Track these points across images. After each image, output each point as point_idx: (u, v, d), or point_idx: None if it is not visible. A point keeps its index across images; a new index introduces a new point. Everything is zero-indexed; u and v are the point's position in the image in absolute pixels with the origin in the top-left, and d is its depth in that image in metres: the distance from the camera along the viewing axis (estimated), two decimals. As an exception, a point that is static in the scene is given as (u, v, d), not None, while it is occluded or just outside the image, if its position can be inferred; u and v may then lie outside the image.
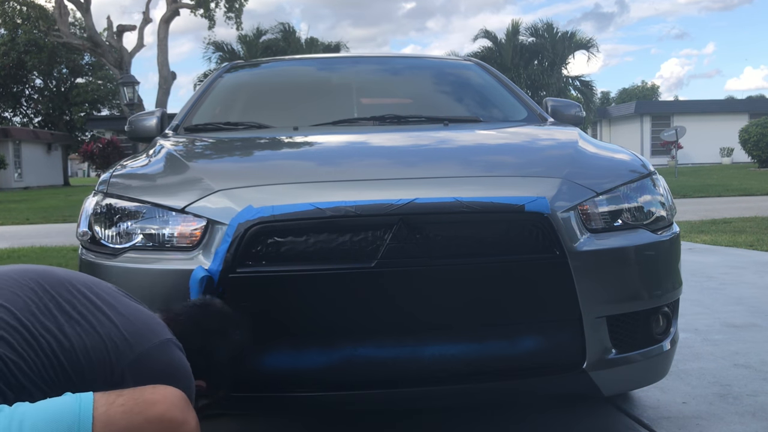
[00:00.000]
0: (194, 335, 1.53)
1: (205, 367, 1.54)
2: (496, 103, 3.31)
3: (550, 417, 2.44)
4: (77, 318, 1.34)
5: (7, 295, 1.32)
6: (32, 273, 1.40)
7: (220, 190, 1.87)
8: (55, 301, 1.35)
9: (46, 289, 1.37)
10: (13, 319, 1.27)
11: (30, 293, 1.34)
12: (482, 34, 29.46)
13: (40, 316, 1.31)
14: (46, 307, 1.33)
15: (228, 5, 25.24)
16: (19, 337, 1.26)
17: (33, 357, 1.25)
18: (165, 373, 1.38)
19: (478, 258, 1.76)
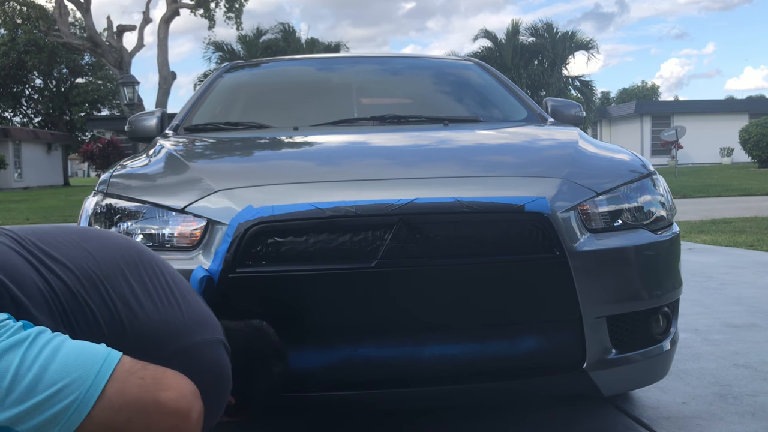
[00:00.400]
0: (241, 353, 1.55)
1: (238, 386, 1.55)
2: (496, 103, 3.31)
3: (550, 417, 2.44)
4: (153, 293, 1.38)
5: (103, 255, 1.38)
6: (133, 248, 1.47)
7: (220, 190, 1.87)
8: (140, 274, 1.40)
9: (138, 262, 1.42)
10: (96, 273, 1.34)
11: (123, 260, 1.40)
12: (482, 34, 29.47)
13: (122, 280, 1.36)
14: (131, 275, 1.38)
15: (228, 5, 25.25)
16: (95, 292, 1.31)
17: (102, 313, 1.30)
18: (210, 369, 1.39)
19: (478, 258, 1.76)
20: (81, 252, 1.36)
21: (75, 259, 1.34)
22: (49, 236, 1.37)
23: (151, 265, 1.44)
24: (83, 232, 1.45)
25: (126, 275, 1.37)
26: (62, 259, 1.32)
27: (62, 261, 1.32)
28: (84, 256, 1.35)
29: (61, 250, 1.34)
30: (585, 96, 28.56)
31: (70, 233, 1.42)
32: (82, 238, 1.41)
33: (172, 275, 1.48)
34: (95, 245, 1.40)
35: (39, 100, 40.56)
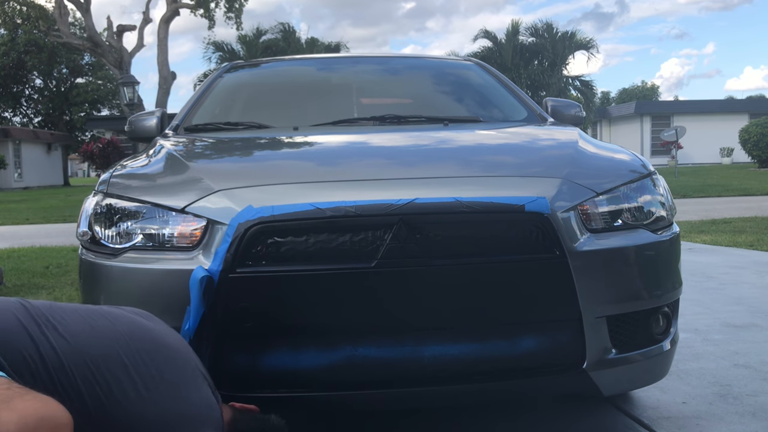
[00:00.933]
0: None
1: None
2: (496, 103, 3.31)
3: (550, 417, 2.44)
4: (148, 384, 1.41)
5: (105, 333, 1.44)
6: (134, 327, 1.50)
7: (220, 190, 1.87)
8: (138, 362, 1.43)
9: (141, 350, 1.45)
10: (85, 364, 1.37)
11: (121, 343, 1.44)
12: (482, 34, 29.47)
13: (116, 363, 1.40)
14: (129, 361, 1.41)
15: (228, 5, 25.23)
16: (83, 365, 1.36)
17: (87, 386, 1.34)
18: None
19: (478, 258, 1.76)
20: (84, 327, 1.42)
21: (75, 332, 1.40)
22: (61, 310, 1.45)
23: (150, 354, 1.46)
24: (95, 310, 1.51)
25: (123, 362, 1.40)
26: (62, 330, 1.39)
27: (61, 332, 1.38)
28: (86, 331, 1.41)
29: (65, 323, 1.41)
30: (585, 96, 28.56)
31: (82, 310, 1.48)
32: (91, 315, 1.47)
33: (176, 363, 1.50)
34: (102, 323, 1.46)
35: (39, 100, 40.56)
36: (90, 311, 1.49)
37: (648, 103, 39.50)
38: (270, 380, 1.80)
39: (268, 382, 1.80)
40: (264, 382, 1.81)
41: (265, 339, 1.79)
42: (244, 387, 1.80)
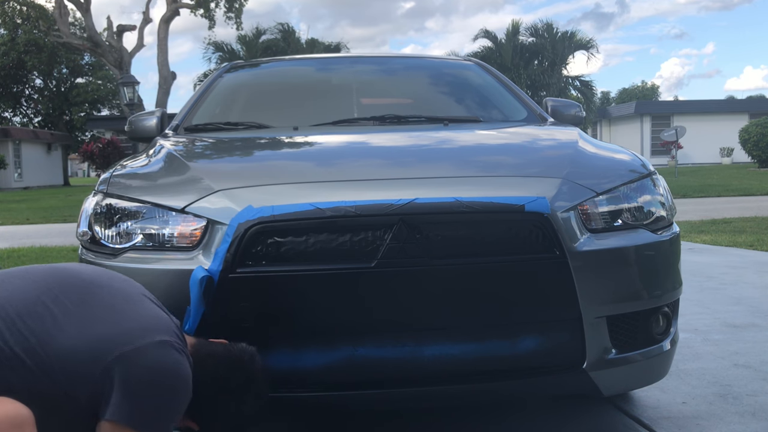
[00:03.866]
0: (209, 384, 1.56)
1: (205, 415, 1.57)
2: (496, 103, 3.31)
3: (550, 417, 2.44)
4: (75, 316, 1.43)
5: (22, 291, 1.46)
6: (55, 277, 1.52)
7: (220, 190, 1.87)
8: (59, 301, 1.45)
9: (58, 293, 1.47)
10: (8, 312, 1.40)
11: (43, 292, 1.46)
12: (482, 34, 29.47)
13: (40, 311, 1.42)
14: (51, 303, 1.44)
15: (228, 5, 25.23)
16: (11, 327, 1.38)
17: (20, 345, 1.37)
18: (153, 369, 1.42)
19: (478, 258, 1.76)
20: (2, 292, 1.45)
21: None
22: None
23: (75, 290, 1.49)
24: (8, 273, 1.53)
25: (46, 305, 1.43)
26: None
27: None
28: (4, 296, 1.43)
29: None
30: (585, 96, 28.57)
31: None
32: (5, 278, 1.50)
33: (106, 291, 1.52)
34: (17, 283, 1.48)
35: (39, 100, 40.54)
36: (3, 275, 1.52)
37: (648, 103, 39.50)
38: (270, 380, 1.80)
39: (268, 382, 1.80)
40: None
41: (265, 339, 1.79)
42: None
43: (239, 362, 1.61)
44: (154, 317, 1.52)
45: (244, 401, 1.60)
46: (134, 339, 1.43)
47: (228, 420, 1.60)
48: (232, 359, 1.61)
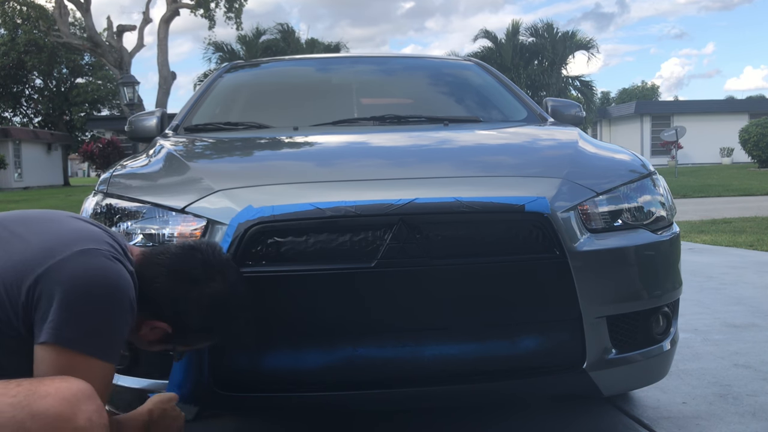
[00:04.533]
0: (168, 279, 1.50)
1: (172, 312, 1.50)
2: (496, 103, 3.31)
3: (550, 417, 2.44)
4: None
5: None
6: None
7: (220, 190, 1.87)
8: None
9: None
10: None
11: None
12: (482, 34, 29.46)
13: None
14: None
15: (228, 5, 25.23)
16: None
17: None
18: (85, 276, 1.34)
19: (478, 258, 1.76)
20: None
21: None
22: None
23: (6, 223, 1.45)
24: None
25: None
26: None
27: None
28: None
29: None
30: (585, 96, 28.55)
31: None
32: None
33: (30, 220, 1.47)
34: None
35: (39, 100, 40.53)
36: None
37: (648, 103, 39.50)
38: (270, 380, 1.80)
39: (268, 382, 1.80)
40: (264, 383, 1.81)
41: (265, 339, 1.79)
42: (245, 387, 1.80)
43: (193, 250, 1.55)
44: (76, 231, 1.44)
45: (213, 290, 1.51)
46: (56, 253, 1.35)
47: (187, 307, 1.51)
48: (186, 248, 1.55)
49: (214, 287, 1.51)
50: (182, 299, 1.49)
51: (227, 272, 1.56)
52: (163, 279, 1.49)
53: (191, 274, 1.50)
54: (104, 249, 1.41)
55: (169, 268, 1.50)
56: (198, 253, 1.55)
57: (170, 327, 1.51)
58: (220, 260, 1.57)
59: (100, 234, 1.47)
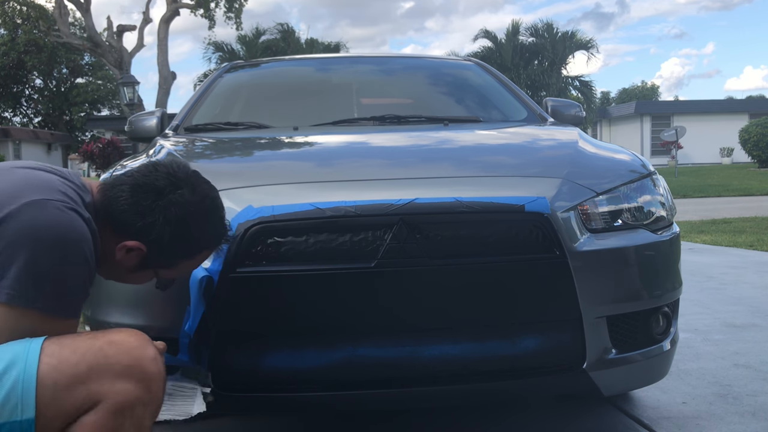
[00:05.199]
0: (130, 194, 1.43)
1: (141, 227, 1.43)
2: (496, 104, 3.31)
3: (550, 417, 2.44)
4: None
5: None
6: None
7: (220, 190, 1.86)
8: None
9: None
10: None
11: None
12: (482, 34, 29.47)
13: None
14: None
15: (228, 5, 25.22)
16: None
17: None
18: (21, 233, 1.27)
19: (478, 258, 1.76)
20: None
21: None
22: None
23: None
24: None
25: None
26: None
27: None
28: None
29: None
30: (585, 96, 28.56)
31: None
32: None
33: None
34: None
35: (39, 100, 40.55)
36: None
37: (648, 103, 39.50)
38: (270, 380, 1.80)
39: (268, 382, 1.80)
40: (264, 383, 1.81)
41: (264, 339, 1.79)
42: (245, 387, 1.80)
43: (155, 165, 1.49)
44: (25, 180, 1.37)
45: (180, 200, 1.44)
46: (2, 206, 1.29)
47: (165, 219, 1.43)
48: (148, 165, 1.49)
49: (181, 197, 1.45)
50: (148, 211, 1.42)
51: (194, 183, 1.49)
52: (127, 195, 1.43)
53: (155, 185, 1.44)
54: (55, 198, 1.33)
55: (131, 184, 1.45)
56: (161, 166, 1.49)
57: (143, 245, 1.44)
58: (186, 172, 1.50)
59: (52, 182, 1.39)
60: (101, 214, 1.44)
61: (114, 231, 1.44)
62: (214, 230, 1.52)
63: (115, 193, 1.44)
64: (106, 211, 1.44)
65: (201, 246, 1.52)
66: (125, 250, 1.45)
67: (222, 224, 1.54)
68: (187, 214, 1.45)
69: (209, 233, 1.51)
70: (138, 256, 1.46)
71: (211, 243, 1.54)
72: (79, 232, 1.34)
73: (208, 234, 1.51)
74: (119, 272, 1.52)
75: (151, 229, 1.43)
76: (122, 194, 1.43)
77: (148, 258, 1.47)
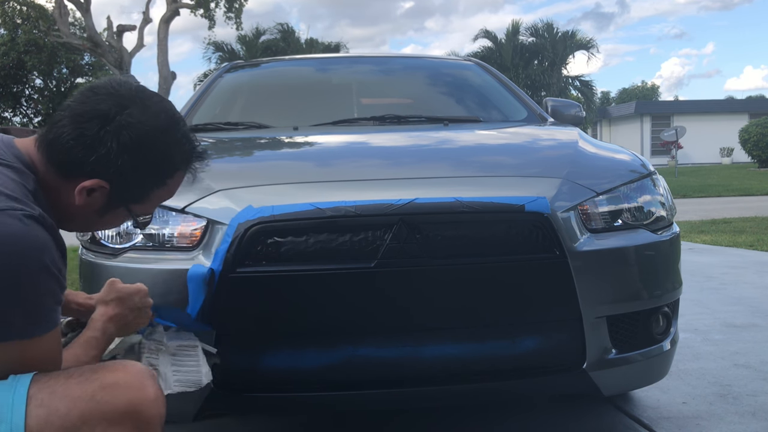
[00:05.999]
0: (73, 127, 1.23)
1: (95, 160, 1.23)
2: (496, 103, 3.31)
3: (550, 417, 2.44)
4: None
5: None
6: None
7: (220, 190, 1.87)
8: None
9: None
10: None
11: None
12: (482, 34, 29.48)
13: None
14: None
15: (228, 5, 25.22)
16: None
17: None
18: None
19: (478, 258, 1.76)
20: None
21: None
22: None
23: None
24: None
25: None
26: None
27: None
28: None
29: None
30: (585, 96, 28.58)
31: None
32: None
33: None
34: None
35: (39, 100, 40.50)
36: None
37: (648, 103, 39.51)
38: (270, 380, 1.80)
39: (268, 382, 1.80)
40: (264, 382, 1.81)
41: (264, 339, 1.79)
42: (244, 387, 1.80)
43: (93, 89, 1.29)
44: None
45: (131, 120, 1.24)
46: None
47: (130, 151, 1.24)
48: (84, 91, 1.29)
49: (131, 116, 1.25)
50: (98, 140, 1.23)
51: (143, 98, 1.29)
52: (69, 130, 1.23)
53: (98, 110, 1.24)
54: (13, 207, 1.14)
55: (70, 115, 1.24)
56: (99, 88, 1.28)
57: (103, 181, 1.25)
58: (130, 89, 1.30)
59: None
60: (46, 163, 1.25)
61: (67, 175, 1.25)
62: (179, 148, 1.32)
63: (56, 133, 1.24)
64: (50, 159, 1.25)
65: (170, 169, 1.33)
66: (86, 192, 1.26)
67: (188, 139, 1.34)
68: (142, 134, 1.25)
69: (174, 152, 1.31)
70: (102, 196, 1.28)
71: (181, 162, 1.34)
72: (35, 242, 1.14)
73: (173, 153, 1.31)
74: (87, 220, 1.35)
75: (107, 161, 1.24)
76: (63, 130, 1.23)
77: (114, 195, 1.28)
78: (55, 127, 1.24)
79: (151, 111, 1.28)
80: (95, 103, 1.25)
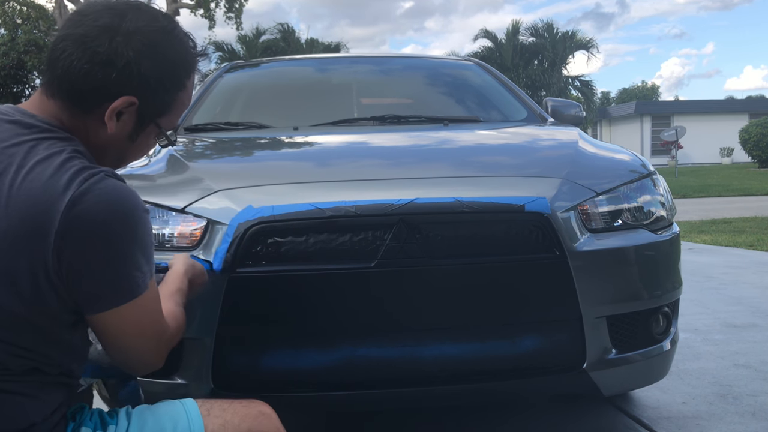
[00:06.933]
0: (80, 51, 1.15)
1: (115, 75, 1.15)
2: (496, 103, 3.31)
3: (550, 417, 2.44)
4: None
5: None
6: None
7: (220, 190, 1.87)
8: None
9: None
10: None
11: None
12: (482, 34, 29.49)
13: None
14: None
15: (228, 5, 25.24)
16: None
17: None
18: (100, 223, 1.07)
19: (478, 258, 1.76)
20: None
21: None
22: None
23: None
24: None
25: None
26: None
27: None
28: None
29: None
30: (585, 96, 28.59)
31: None
32: None
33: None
34: None
35: (39, 100, 40.51)
36: None
37: (648, 103, 39.51)
38: (270, 380, 1.80)
39: (268, 382, 1.80)
40: (264, 382, 1.81)
41: (265, 339, 1.79)
42: (244, 387, 1.80)
43: (78, 12, 1.21)
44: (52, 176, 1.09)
45: (136, 25, 1.18)
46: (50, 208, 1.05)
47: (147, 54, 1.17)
48: (69, 19, 1.21)
49: (134, 22, 1.19)
50: (114, 53, 1.16)
51: (136, 6, 1.23)
52: (79, 55, 1.14)
53: (99, 26, 1.16)
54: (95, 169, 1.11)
55: (72, 41, 1.16)
56: (87, 10, 1.21)
57: (131, 96, 1.18)
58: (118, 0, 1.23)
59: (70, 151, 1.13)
60: (63, 106, 1.17)
61: (90, 107, 1.18)
62: (186, 44, 1.27)
63: (64, 64, 1.15)
64: (68, 96, 1.17)
65: (186, 67, 1.27)
66: (116, 115, 1.19)
67: (187, 35, 1.28)
68: (153, 36, 1.20)
69: (183, 49, 1.26)
70: (131, 117, 1.22)
71: (192, 59, 1.29)
72: (136, 194, 1.15)
73: (183, 50, 1.26)
74: (119, 152, 1.29)
75: (129, 73, 1.17)
76: (72, 58, 1.15)
77: (143, 110, 1.22)
78: (60, 60, 1.15)
79: (149, 13, 1.23)
80: (93, 20, 1.17)
